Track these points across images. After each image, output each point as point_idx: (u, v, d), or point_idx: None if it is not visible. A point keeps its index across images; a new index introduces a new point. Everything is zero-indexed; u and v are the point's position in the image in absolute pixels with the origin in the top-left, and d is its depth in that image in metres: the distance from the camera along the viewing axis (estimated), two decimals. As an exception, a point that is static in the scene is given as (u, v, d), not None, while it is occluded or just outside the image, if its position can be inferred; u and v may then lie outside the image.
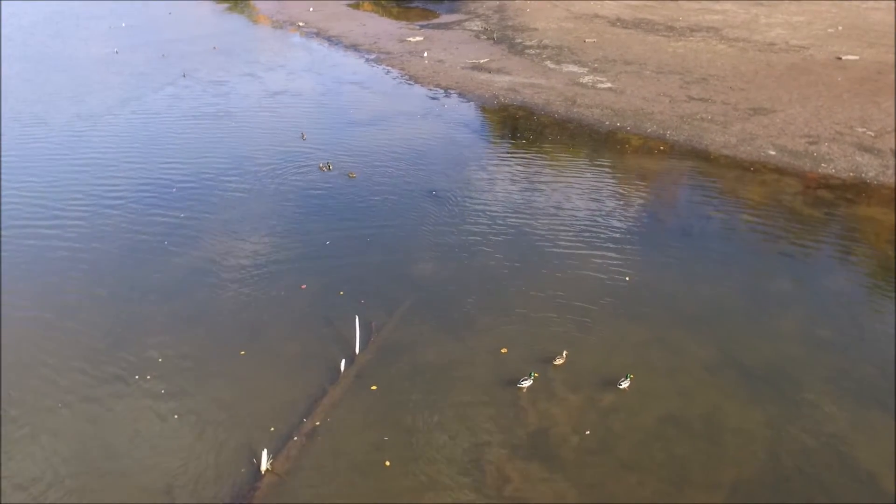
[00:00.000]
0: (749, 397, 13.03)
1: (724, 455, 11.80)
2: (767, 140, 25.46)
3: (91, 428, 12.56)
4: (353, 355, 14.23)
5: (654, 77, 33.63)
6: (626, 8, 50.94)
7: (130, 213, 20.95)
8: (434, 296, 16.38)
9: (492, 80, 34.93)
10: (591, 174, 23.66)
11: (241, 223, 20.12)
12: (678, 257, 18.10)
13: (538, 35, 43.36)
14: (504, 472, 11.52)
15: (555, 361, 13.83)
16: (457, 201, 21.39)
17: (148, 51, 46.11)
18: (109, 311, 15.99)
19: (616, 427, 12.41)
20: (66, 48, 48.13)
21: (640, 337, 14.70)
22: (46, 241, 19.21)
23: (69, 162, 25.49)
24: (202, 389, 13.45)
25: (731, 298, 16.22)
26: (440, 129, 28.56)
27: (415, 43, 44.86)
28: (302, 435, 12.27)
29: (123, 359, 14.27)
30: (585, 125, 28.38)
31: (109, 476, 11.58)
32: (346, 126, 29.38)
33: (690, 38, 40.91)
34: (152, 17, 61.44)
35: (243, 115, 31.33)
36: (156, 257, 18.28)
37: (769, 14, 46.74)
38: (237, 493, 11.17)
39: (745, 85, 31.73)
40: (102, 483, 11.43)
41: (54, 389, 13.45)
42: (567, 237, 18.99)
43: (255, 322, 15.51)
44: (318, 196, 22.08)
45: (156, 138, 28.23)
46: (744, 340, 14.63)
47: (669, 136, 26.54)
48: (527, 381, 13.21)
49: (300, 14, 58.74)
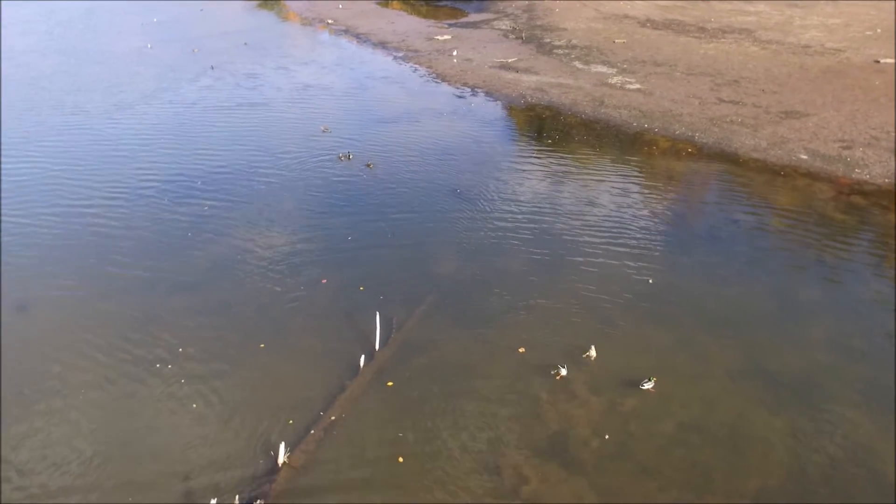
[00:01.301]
0: (774, 405, 12.73)
1: (748, 464, 11.54)
2: (799, 144, 24.93)
3: (110, 413, 12.74)
4: (373, 351, 14.23)
5: (684, 79, 33.15)
6: (656, 8, 50.32)
7: (161, 202, 21.43)
8: (455, 294, 16.32)
9: (519, 80, 34.74)
10: (618, 175, 23.39)
11: (265, 215, 20.31)
12: (704, 261, 17.79)
13: (567, 35, 43.03)
14: (522, 473, 11.41)
15: (585, 355, 13.83)
16: (481, 200, 21.29)
17: (180, 46, 46.83)
18: (135, 298, 16.25)
19: (637, 431, 12.21)
20: (101, 42, 49.18)
21: (665, 341, 14.46)
22: (75, 223, 19.68)
23: (108, 149, 26.60)
24: (222, 380, 13.56)
25: (758, 304, 15.89)
26: (466, 128, 28.48)
27: (443, 41, 44.82)
28: (320, 429, 12.29)
29: (146, 346, 14.48)
30: (612, 126, 28.08)
31: (128, 460, 11.74)
32: (372, 122, 29.48)
33: (722, 40, 40.26)
34: (184, 14, 62.20)
35: (272, 108, 31.82)
36: (184, 246, 18.57)
37: (805, 16, 45.80)
38: (255, 485, 11.22)
39: (777, 88, 31.12)
40: (121, 466, 11.59)
41: (77, 372, 13.70)
42: (591, 238, 18.78)
43: (277, 315, 15.59)
44: (341, 190, 22.17)
45: (188, 128, 29.08)
46: (770, 347, 14.32)
47: (698, 139, 26.13)
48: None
49: (329, 11, 59.04)
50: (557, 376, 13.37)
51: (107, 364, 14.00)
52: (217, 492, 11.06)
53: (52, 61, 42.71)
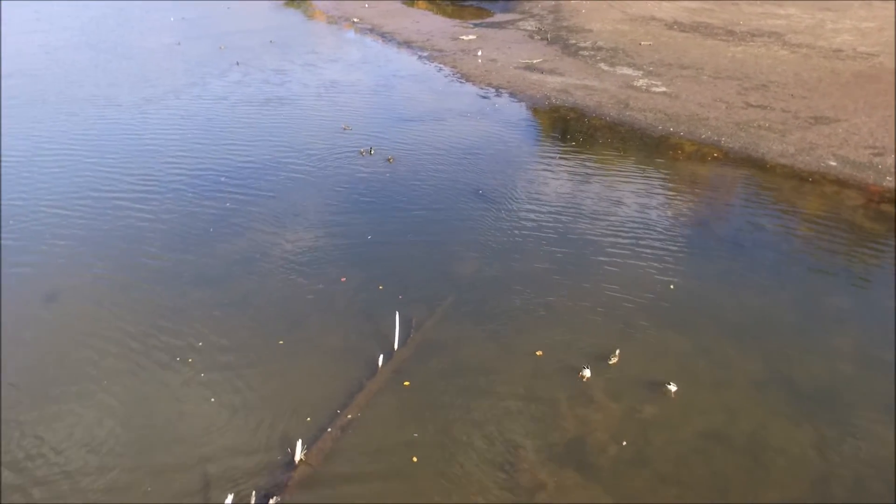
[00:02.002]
0: (798, 417, 12.50)
1: (769, 476, 11.34)
2: (828, 150, 24.48)
3: (128, 405, 12.91)
4: (392, 351, 14.24)
5: (711, 82, 32.73)
6: (683, 11, 49.76)
7: (188, 194, 21.80)
8: (476, 295, 16.26)
9: (544, 81, 34.57)
10: (642, 178, 23.16)
11: (289, 211, 20.47)
12: (728, 267, 17.52)
13: (593, 36, 42.73)
14: (538, 477, 11.33)
15: (609, 361, 13.72)
16: (503, 201, 21.22)
17: (208, 43, 47.46)
18: (160, 289, 16.51)
19: (656, 439, 12.06)
20: (131, 39, 50.05)
21: (685, 347, 14.27)
22: (106, 214, 20.02)
23: (139, 141, 27.47)
24: (242, 374, 13.66)
25: (782, 312, 15.61)
26: (490, 128, 28.41)
27: (468, 41, 44.76)
28: (337, 427, 12.32)
29: (168, 337, 14.69)
30: (637, 129, 27.82)
31: (148, 446, 11.92)
32: (397, 120, 29.54)
33: (751, 43, 39.68)
34: (211, 11, 62.92)
35: (298, 104, 32.16)
36: (210, 239, 18.78)
37: (837, 19, 44.96)
38: (270, 482, 11.28)
39: (807, 93, 30.60)
40: (141, 452, 11.75)
41: (101, 360, 13.92)
42: (614, 242, 18.61)
43: (297, 312, 15.68)
44: (363, 189, 22.23)
45: (216, 122, 29.60)
46: (794, 357, 14.05)
47: (724, 143, 25.78)
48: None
49: (355, 10, 59.32)
50: (583, 378, 13.30)
51: (130, 353, 14.21)
52: (234, 485, 11.14)
53: (85, 56, 43.80)
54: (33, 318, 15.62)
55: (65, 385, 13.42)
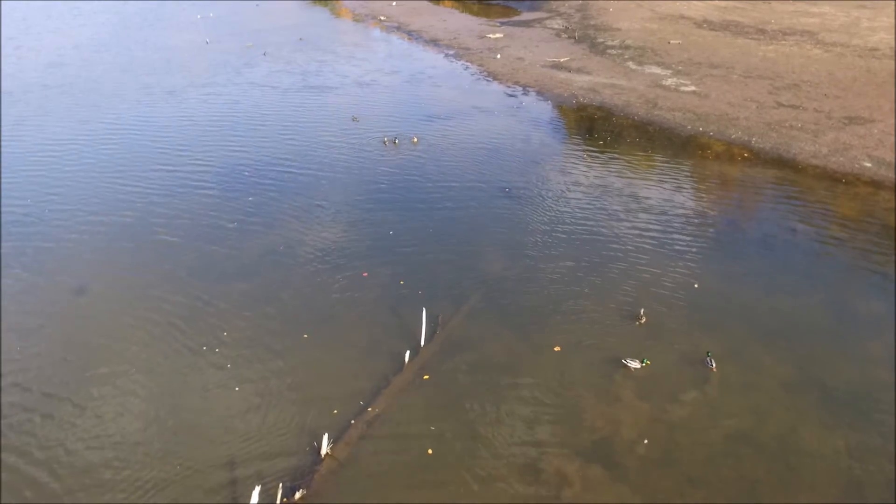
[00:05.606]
0: (830, 421, 12.27)
1: (800, 479, 11.16)
2: (863, 151, 23.99)
3: (155, 395, 13.11)
4: (418, 347, 14.26)
5: (742, 81, 32.25)
6: (714, 9, 49.11)
7: (216, 191, 22.07)
8: (502, 293, 16.22)
9: (571, 80, 34.36)
10: (670, 179, 22.90)
11: (315, 206, 20.64)
12: (758, 269, 17.26)
13: (621, 35, 42.36)
14: (564, 475, 11.28)
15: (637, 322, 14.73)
16: (529, 200, 21.14)
17: (238, 40, 48.17)
18: (189, 283, 16.73)
19: (683, 440, 11.93)
20: (165, 35, 51.24)
21: (715, 349, 14.06)
22: (137, 211, 20.37)
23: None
24: (269, 367, 13.80)
25: (814, 315, 15.35)
26: (516, 127, 28.32)
27: (494, 40, 44.65)
28: (363, 422, 12.37)
29: (196, 329, 14.90)
30: (666, 128, 27.52)
31: (176, 435, 12.10)
32: (423, 119, 29.59)
33: (783, 42, 39.03)
34: (240, 9, 63.71)
35: (326, 101, 32.50)
36: (238, 235, 19.03)
37: (873, 17, 44.04)
38: (297, 475, 11.36)
39: (840, 92, 30.00)
40: (170, 440, 11.95)
41: (129, 352, 14.15)
42: (641, 241, 18.44)
43: (322, 307, 15.79)
44: (388, 185, 22.32)
45: (244, 118, 30.24)
46: (826, 360, 13.81)
47: (755, 144, 25.40)
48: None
49: (382, 8, 59.53)
50: (629, 369, 13.49)
51: (159, 343, 14.44)
52: (260, 478, 11.23)
53: (118, 51, 45.12)
54: (63, 310, 15.93)
55: (93, 373, 13.68)
